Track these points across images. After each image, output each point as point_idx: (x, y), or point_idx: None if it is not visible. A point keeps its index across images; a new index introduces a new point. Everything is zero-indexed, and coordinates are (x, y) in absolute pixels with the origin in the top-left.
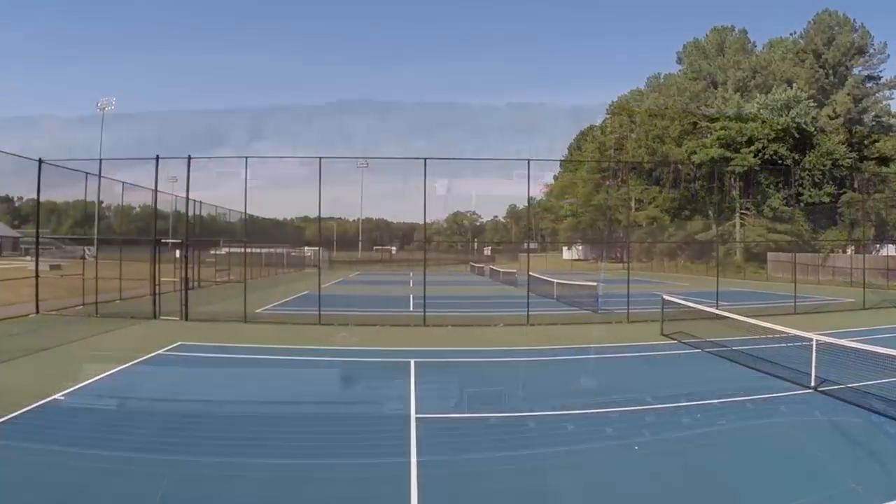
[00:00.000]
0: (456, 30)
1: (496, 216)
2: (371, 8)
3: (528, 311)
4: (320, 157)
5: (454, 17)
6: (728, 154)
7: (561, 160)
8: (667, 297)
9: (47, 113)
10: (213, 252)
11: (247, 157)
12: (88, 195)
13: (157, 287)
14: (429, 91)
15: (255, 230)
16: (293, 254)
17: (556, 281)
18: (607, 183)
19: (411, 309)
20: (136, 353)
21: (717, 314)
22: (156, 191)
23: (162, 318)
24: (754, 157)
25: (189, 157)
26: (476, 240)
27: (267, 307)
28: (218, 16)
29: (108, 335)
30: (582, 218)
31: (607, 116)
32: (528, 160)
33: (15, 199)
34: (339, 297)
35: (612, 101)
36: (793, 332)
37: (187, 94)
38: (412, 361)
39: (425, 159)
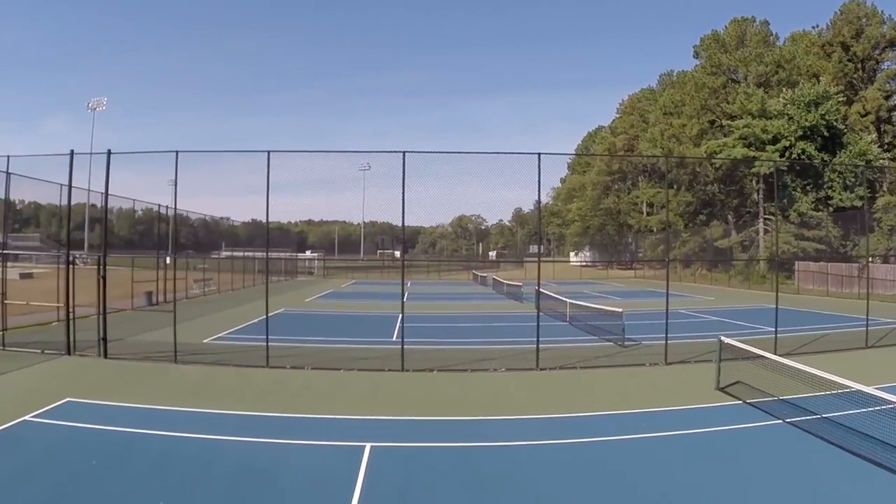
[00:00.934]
0: (459, 31)
1: (501, 220)
2: (371, 9)
3: (537, 346)
4: (269, 151)
5: (457, 18)
6: (752, 153)
7: (573, 153)
8: (726, 341)
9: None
10: (213, 255)
11: (177, 151)
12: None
13: (70, 312)
14: (430, 93)
15: (257, 235)
16: (294, 258)
17: (568, 301)
18: (616, 186)
19: (394, 338)
20: None
21: (786, 364)
22: (70, 187)
23: (78, 353)
24: (780, 156)
25: (109, 152)
26: (480, 243)
27: (221, 334)
28: (213, 15)
29: None
30: (591, 222)
31: (617, 116)
32: (539, 154)
33: (17, 202)
34: (313, 318)
35: (623, 101)
36: None
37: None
38: (367, 449)
39: (404, 152)
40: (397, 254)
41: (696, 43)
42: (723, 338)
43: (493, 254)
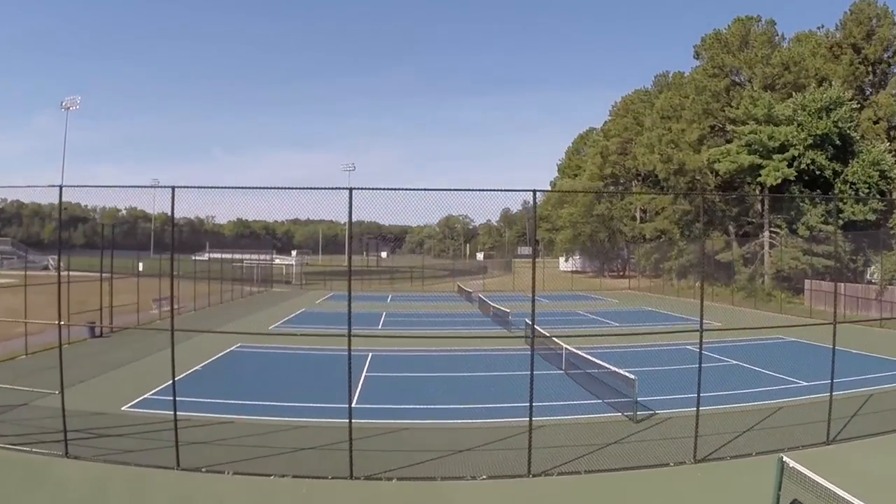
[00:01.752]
0: (448, 29)
1: (489, 220)
2: (365, 8)
3: (529, 437)
4: (173, 187)
5: (446, 16)
6: (758, 162)
7: (579, 191)
8: (789, 464)
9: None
10: (193, 258)
11: (61, 187)
12: None
13: None
14: (421, 91)
15: (243, 234)
16: (276, 262)
17: (566, 348)
18: (610, 188)
19: (355, 403)
20: None
21: None
22: None
23: None
24: (788, 166)
25: None
26: (468, 244)
27: (148, 395)
28: (212, 13)
29: None
30: (582, 229)
31: (609, 119)
32: (534, 190)
33: None
34: (268, 361)
35: (616, 102)
36: None
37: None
38: None
39: (350, 189)
40: (384, 254)
41: (696, 43)
42: (785, 459)
43: (480, 255)
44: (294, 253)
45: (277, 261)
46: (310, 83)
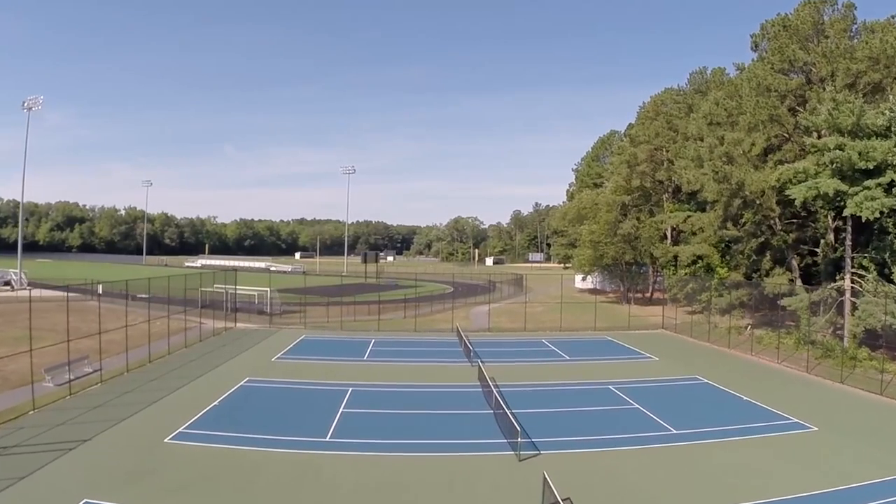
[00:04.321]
0: (461, 27)
1: (499, 222)
2: (382, 4)
3: None
4: None
5: (459, 14)
6: (844, 188)
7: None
8: None
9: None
10: (189, 263)
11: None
12: None
13: None
14: (431, 89)
15: (247, 236)
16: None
17: None
18: (636, 205)
19: None
20: None
21: None
22: None
23: None
24: (885, 193)
25: None
26: (476, 248)
27: None
28: (214, 9)
29: None
30: (605, 251)
31: (636, 122)
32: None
33: None
34: None
35: (644, 103)
36: None
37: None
38: None
39: None
40: (390, 258)
41: (754, 31)
42: None
43: (489, 260)
44: (297, 255)
45: (241, 289)
46: (318, 81)
